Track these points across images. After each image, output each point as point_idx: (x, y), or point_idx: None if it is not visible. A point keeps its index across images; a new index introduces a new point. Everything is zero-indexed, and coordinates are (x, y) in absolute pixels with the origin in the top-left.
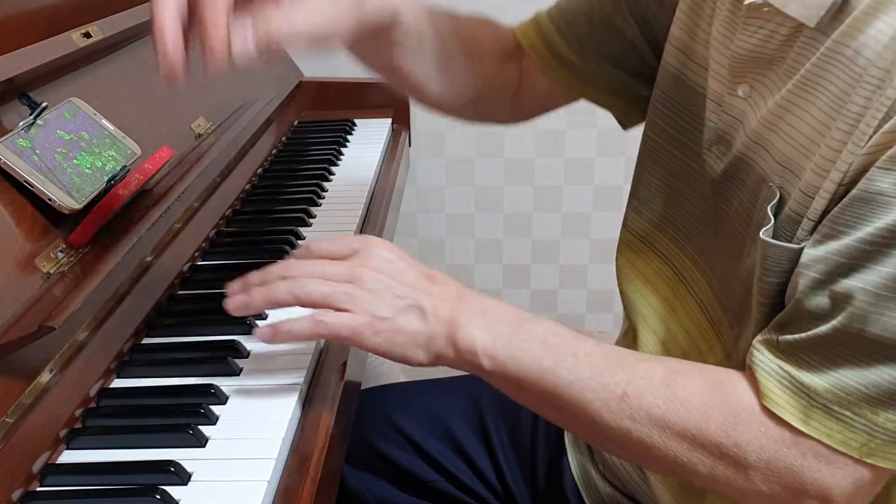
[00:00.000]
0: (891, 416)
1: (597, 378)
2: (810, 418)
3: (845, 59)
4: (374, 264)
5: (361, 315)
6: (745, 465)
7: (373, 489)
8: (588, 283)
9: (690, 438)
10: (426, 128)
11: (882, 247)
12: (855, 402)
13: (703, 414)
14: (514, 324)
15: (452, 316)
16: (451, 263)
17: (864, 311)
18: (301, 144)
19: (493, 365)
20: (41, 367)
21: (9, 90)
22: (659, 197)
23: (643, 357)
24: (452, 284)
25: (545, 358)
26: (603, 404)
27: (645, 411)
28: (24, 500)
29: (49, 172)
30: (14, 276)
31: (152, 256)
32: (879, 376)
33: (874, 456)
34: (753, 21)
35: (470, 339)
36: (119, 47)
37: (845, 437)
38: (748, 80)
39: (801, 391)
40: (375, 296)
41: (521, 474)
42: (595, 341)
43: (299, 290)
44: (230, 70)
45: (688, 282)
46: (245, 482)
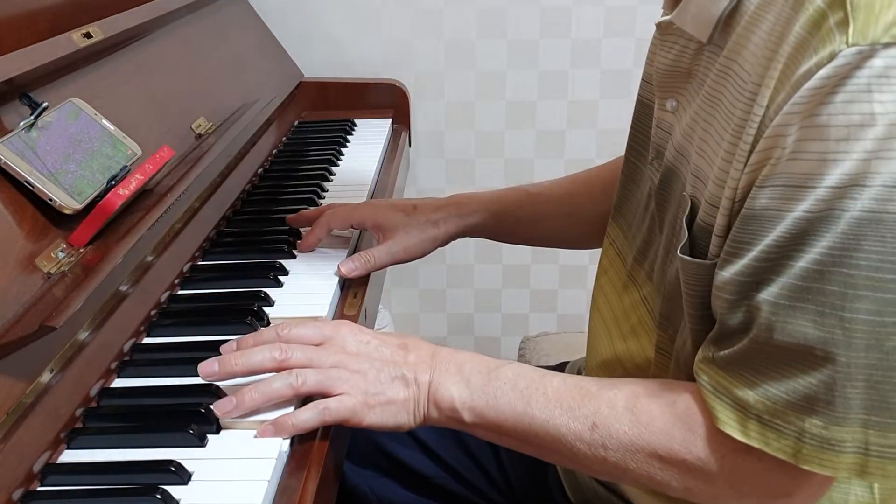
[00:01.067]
0: (815, 422)
1: (567, 413)
2: (748, 429)
3: (733, 74)
4: (351, 349)
5: (356, 395)
6: (711, 476)
7: (375, 487)
8: (588, 283)
9: (659, 458)
10: (426, 128)
11: (775, 260)
12: (782, 411)
13: (665, 434)
14: (485, 374)
15: (430, 378)
16: (451, 263)
17: (769, 322)
18: (301, 144)
19: (473, 416)
20: (41, 367)
21: (9, 90)
22: (619, 199)
23: (605, 384)
24: (425, 349)
25: (518, 402)
26: (577, 437)
27: (615, 438)
28: (25, 500)
29: (49, 172)
30: (14, 276)
31: (152, 256)
32: (797, 383)
33: (809, 462)
34: (668, 38)
35: (449, 397)
36: (119, 47)
37: (780, 444)
38: (674, 95)
39: (737, 404)
40: (363, 377)
41: (521, 468)
42: (561, 377)
43: (297, 381)
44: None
45: (630, 273)
46: (245, 482)
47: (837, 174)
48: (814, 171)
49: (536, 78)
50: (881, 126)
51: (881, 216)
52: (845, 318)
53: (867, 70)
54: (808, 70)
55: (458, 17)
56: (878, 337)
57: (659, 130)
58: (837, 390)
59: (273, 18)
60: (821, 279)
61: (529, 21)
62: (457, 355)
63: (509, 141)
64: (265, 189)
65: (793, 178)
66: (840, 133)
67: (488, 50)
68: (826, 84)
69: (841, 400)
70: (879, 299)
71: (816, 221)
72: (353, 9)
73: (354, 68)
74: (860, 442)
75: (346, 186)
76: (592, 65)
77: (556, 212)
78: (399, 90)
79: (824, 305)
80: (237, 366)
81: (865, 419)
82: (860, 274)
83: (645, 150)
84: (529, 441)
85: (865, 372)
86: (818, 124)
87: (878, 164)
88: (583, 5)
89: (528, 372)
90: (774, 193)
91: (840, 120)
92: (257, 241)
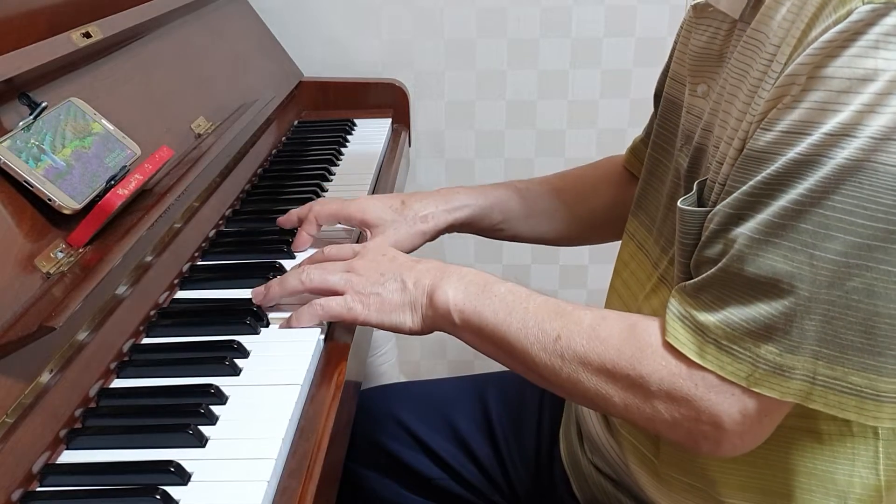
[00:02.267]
0: (770, 349)
1: (539, 325)
2: (704, 352)
3: (758, 44)
4: (369, 257)
5: (352, 294)
6: (649, 395)
7: (376, 487)
8: (588, 283)
9: (605, 372)
10: (426, 128)
11: (760, 197)
12: (740, 337)
13: (616, 350)
14: (482, 285)
15: (433, 282)
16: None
17: (742, 253)
18: (301, 144)
19: (461, 319)
20: (41, 367)
21: (9, 90)
22: (640, 195)
23: (580, 307)
24: (438, 263)
25: (501, 311)
26: (541, 347)
27: (572, 350)
28: (24, 500)
29: (49, 172)
30: (14, 276)
31: (152, 256)
32: (758, 312)
33: (760, 385)
34: (702, 21)
35: (444, 298)
36: (119, 47)
37: (734, 367)
38: (705, 79)
39: (698, 328)
40: (365, 278)
41: (523, 469)
42: (545, 298)
43: (305, 277)
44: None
45: (656, 263)
46: (245, 482)
47: (833, 123)
48: (813, 119)
49: (536, 78)
50: (881, 81)
51: (862, 164)
52: (815, 255)
53: (878, 27)
54: (825, 27)
55: (458, 17)
56: (840, 276)
57: (689, 116)
58: (796, 322)
59: (273, 18)
60: (797, 217)
61: (529, 21)
62: (463, 269)
63: (509, 141)
64: (265, 189)
65: (793, 124)
66: (843, 85)
67: (488, 50)
68: (838, 38)
69: (798, 331)
70: (848, 241)
71: (803, 164)
72: (353, 9)
73: (354, 68)
74: (809, 371)
75: (345, 186)
76: (592, 65)
77: (545, 208)
78: (399, 90)
79: (796, 242)
80: (274, 289)
81: (817, 351)
82: (834, 216)
83: (669, 145)
84: (502, 347)
85: (824, 307)
86: (824, 75)
87: (870, 118)
88: (583, 5)
89: (519, 290)
90: (774, 136)
91: (845, 73)
92: (257, 241)
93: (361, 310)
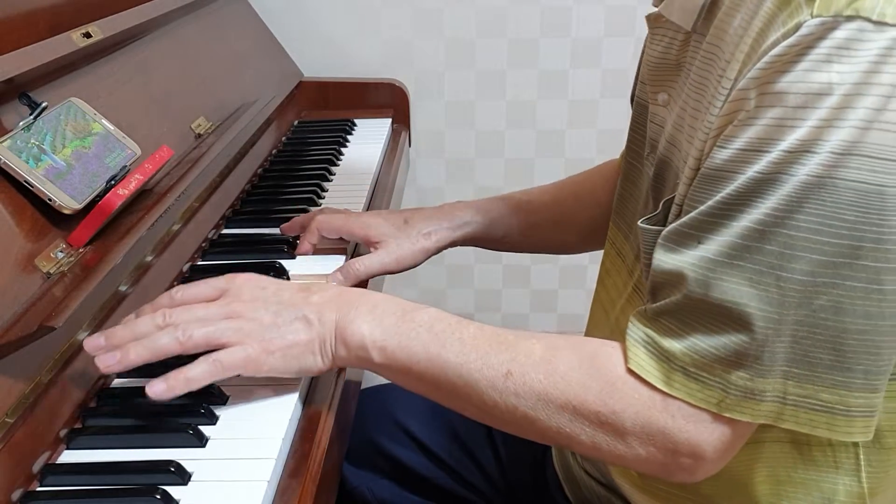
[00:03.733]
0: (741, 374)
1: (482, 359)
2: (672, 380)
3: (714, 58)
4: (247, 296)
5: (251, 343)
6: (622, 432)
7: (374, 488)
8: (587, 283)
9: (571, 410)
10: (426, 128)
11: (719, 217)
12: (709, 364)
13: (581, 386)
14: (399, 314)
15: (338, 316)
16: (451, 263)
17: (705, 278)
18: (301, 144)
19: (384, 357)
20: (41, 367)
21: (9, 90)
22: (618, 201)
23: (523, 335)
24: (330, 289)
25: (432, 344)
26: (489, 384)
27: (528, 387)
28: (24, 500)
29: (49, 172)
30: (14, 276)
31: (152, 256)
32: (727, 339)
33: (731, 410)
34: (657, 31)
35: (359, 334)
36: (119, 47)
37: (704, 395)
38: (665, 88)
39: (663, 355)
40: (258, 323)
41: (522, 469)
42: (478, 325)
43: (183, 335)
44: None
45: (630, 271)
46: (245, 482)
47: (791, 140)
48: (770, 136)
49: (536, 78)
50: (837, 96)
51: (824, 181)
52: (782, 276)
53: (829, 41)
54: (775, 40)
55: (458, 17)
56: (808, 295)
57: (653, 125)
58: (767, 347)
59: (273, 18)
60: (761, 239)
61: (529, 21)
62: (369, 295)
63: (509, 141)
64: (265, 189)
65: (750, 141)
66: (798, 100)
67: (488, 50)
68: (788, 52)
69: (769, 355)
70: (815, 260)
71: (764, 183)
72: (353, 9)
73: (354, 68)
74: (779, 392)
75: (346, 186)
76: (592, 65)
77: (546, 219)
78: (399, 90)
79: (762, 264)
80: (123, 338)
81: (787, 371)
82: (799, 235)
83: (641, 149)
84: (440, 386)
85: (793, 328)
86: (778, 91)
87: (829, 132)
88: (583, 5)
89: (445, 317)
90: (731, 154)
91: (799, 88)
92: (257, 242)
93: (266, 358)
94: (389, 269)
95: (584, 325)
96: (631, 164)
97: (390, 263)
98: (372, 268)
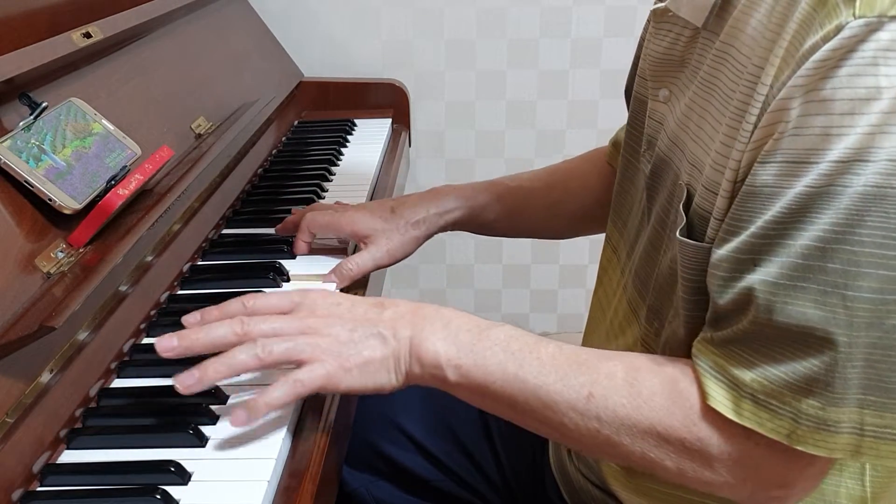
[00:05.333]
0: (812, 403)
1: (562, 380)
2: (741, 408)
3: (730, 58)
4: (321, 311)
5: (329, 360)
6: (709, 458)
7: (373, 490)
8: (587, 283)
9: (656, 435)
10: (426, 128)
11: (775, 238)
12: (779, 391)
13: (666, 411)
14: (475, 331)
15: (413, 332)
16: (451, 263)
17: (768, 303)
18: (301, 144)
19: (458, 375)
20: (41, 367)
21: (9, 90)
22: (615, 197)
23: (603, 356)
24: (403, 305)
25: (509, 363)
26: (570, 406)
27: (611, 411)
28: (25, 500)
29: (49, 172)
30: (14, 276)
31: (152, 256)
32: (796, 364)
33: (803, 443)
34: (662, 26)
35: (434, 352)
36: (119, 47)
37: (774, 424)
38: (666, 84)
39: (733, 383)
40: (335, 339)
41: (521, 471)
42: (556, 344)
43: (262, 351)
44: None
45: (623, 269)
46: (245, 482)
47: (840, 149)
48: (817, 146)
49: (536, 78)
50: (886, 100)
51: (885, 191)
52: (848, 296)
53: (873, 43)
54: (814, 44)
55: (458, 17)
56: (879, 315)
57: (651, 121)
58: (838, 371)
59: (273, 18)
60: (823, 257)
61: (529, 21)
62: (443, 311)
63: (509, 141)
64: (265, 189)
65: (795, 153)
66: (844, 107)
67: (488, 50)
68: (831, 57)
69: (840, 381)
70: (883, 276)
71: (818, 197)
72: (353, 9)
73: (354, 68)
74: (856, 422)
75: (346, 186)
76: (592, 65)
77: (536, 205)
78: (399, 90)
79: (826, 284)
80: (197, 340)
81: (862, 399)
82: (864, 251)
83: (638, 145)
84: (517, 407)
85: (865, 351)
86: (822, 98)
87: (882, 139)
88: (583, 5)
89: (521, 335)
90: (776, 169)
91: (845, 94)
92: (257, 242)
93: (343, 376)
94: (382, 263)
95: (583, 324)
96: (628, 160)
97: (382, 258)
98: (364, 265)
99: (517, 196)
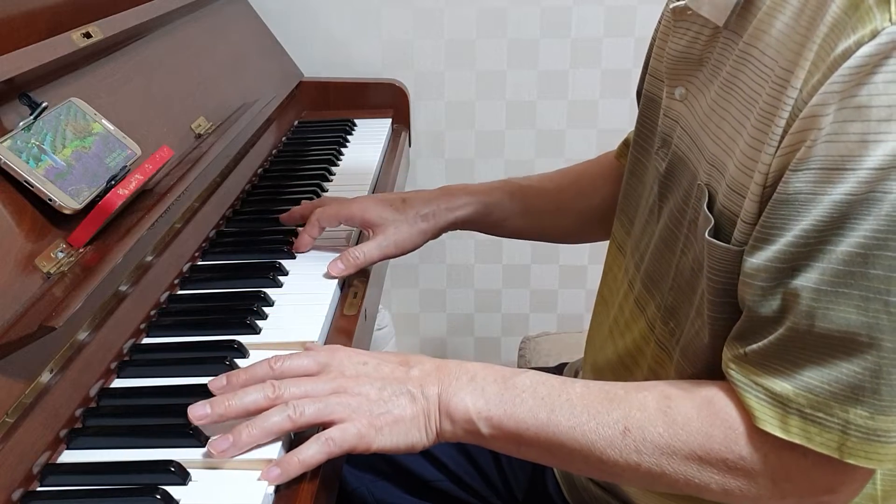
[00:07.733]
0: (860, 412)
1: (596, 419)
2: (788, 425)
3: (754, 59)
4: (349, 372)
5: (360, 420)
6: (754, 475)
7: (373, 490)
8: (587, 283)
9: (697, 459)
10: (426, 128)
11: (816, 244)
12: (825, 402)
13: (704, 434)
14: (500, 381)
15: (440, 389)
16: (451, 263)
17: (809, 309)
18: (301, 144)
19: (491, 427)
20: (41, 367)
21: (9, 90)
22: (622, 196)
23: (631, 387)
24: (428, 362)
25: (540, 409)
26: (607, 443)
27: (650, 442)
28: (25, 500)
29: (49, 172)
30: (14, 276)
31: (152, 256)
32: (840, 372)
33: (854, 456)
34: (681, 24)
35: (464, 407)
36: (119, 47)
37: (824, 438)
38: (683, 82)
39: (776, 400)
40: (365, 398)
41: (521, 472)
42: (582, 382)
43: (295, 413)
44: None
45: (626, 268)
46: (245, 482)
47: (879, 155)
48: (853, 153)
49: (536, 78)
50: None
51: None
52: (890, 302)
53: None
54: (847, 49)
55: (458, 17)
56: None
57: (666, 119)
58: (883, 377)
59: (273, 18)
60: (864, 263)
61: (529, 21)
62: (466, 365)
63: (509, 141)
64: (265, 189)
65: (830, 160)
66: (882, 114)
67: (488, 50)
68: (867, 63)
69: (887, 388)
70: None
71: (858, 204)
72: (353, 9)
73: (354, 68)
74: None
75: (346, 186)
76: (592, 65)
77: (546, 206)
78: (399, 90)
79: (868, 290)
80: (231, 408)
81: None
82: None
83: (649, 144)
84: (554, 451)
85: None
86: (858, 105)
87: None
88: (583, 5)
89: (547, 379)
90: (810, 176)
91: (882, 100)
92: (257, 241)
93: (375, 435)
94: (389, 253)
95: (585, 324)
96: (637, 159)
97: (389, 248)
98: (371, 254)
99: (528, 194)
